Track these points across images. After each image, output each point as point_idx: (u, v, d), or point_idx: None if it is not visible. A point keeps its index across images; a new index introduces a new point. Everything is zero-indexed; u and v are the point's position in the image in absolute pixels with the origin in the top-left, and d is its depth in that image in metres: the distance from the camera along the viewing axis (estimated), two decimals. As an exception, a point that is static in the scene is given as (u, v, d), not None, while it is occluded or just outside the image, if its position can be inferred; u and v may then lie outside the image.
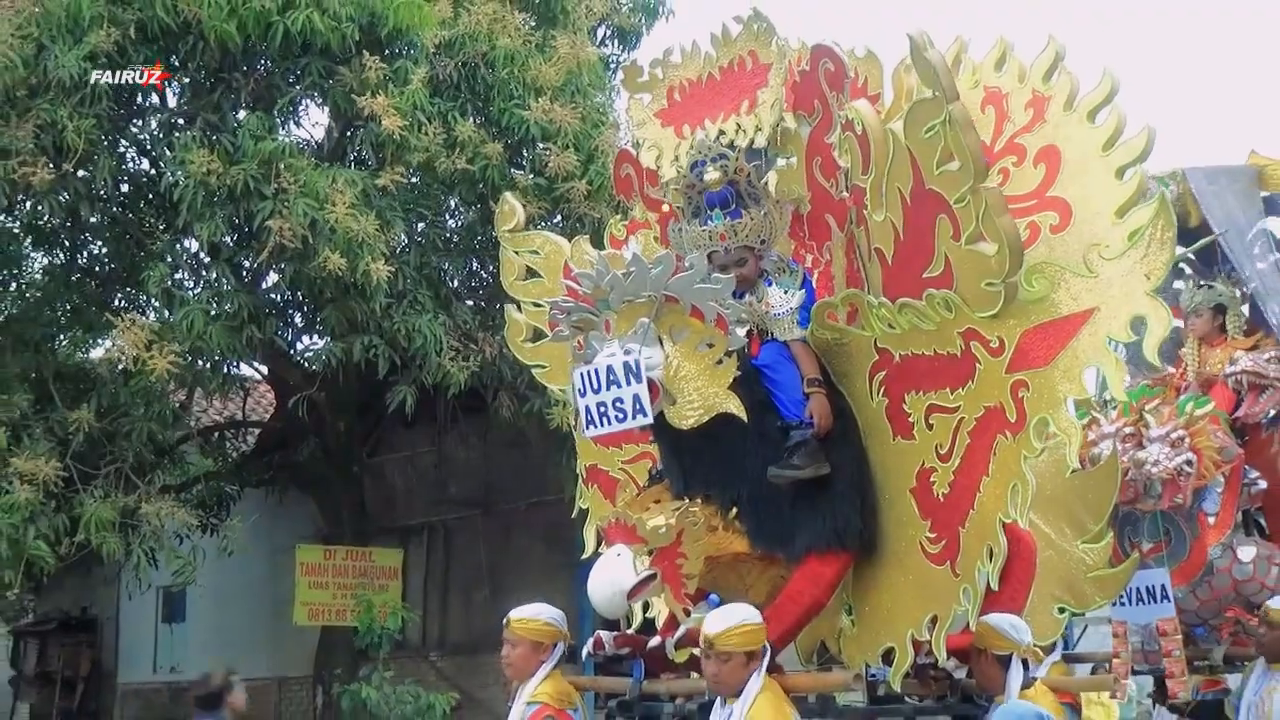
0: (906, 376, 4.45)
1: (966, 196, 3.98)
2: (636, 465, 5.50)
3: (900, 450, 4.51)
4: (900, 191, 4.25)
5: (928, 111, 4.05)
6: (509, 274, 5.94)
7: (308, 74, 10.58)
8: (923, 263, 4.21)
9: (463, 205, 11.76)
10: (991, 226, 3.96)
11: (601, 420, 4.32)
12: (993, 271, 4.00)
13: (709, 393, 4.37)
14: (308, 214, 9.71)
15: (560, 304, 4.50)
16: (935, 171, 4.06)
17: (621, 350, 4.28)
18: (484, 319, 11.32)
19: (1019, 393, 4.09)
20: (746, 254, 4.74)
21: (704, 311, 4.33)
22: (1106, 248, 4.10)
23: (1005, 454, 4.13)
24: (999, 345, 4.13)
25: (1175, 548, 6.44)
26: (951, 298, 4.13)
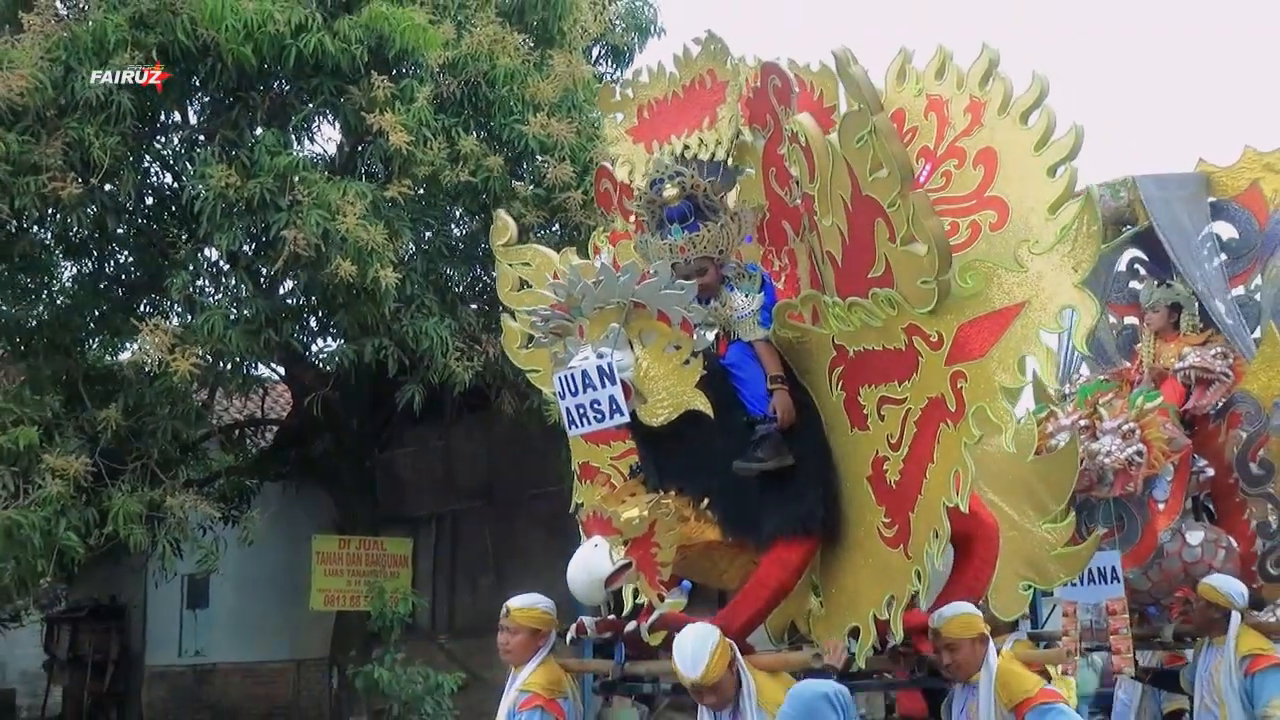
0: (860, 371, 4.51)
1: (897, 201, 4.03)
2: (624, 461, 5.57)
3: (857, 441, 4.57)
4: (842, 198, 4.31)
5: (856, 123, 4.11)
6: (504, 285, 6.01)
7: (320, 93, 10.63)
8: (867, 264, 4.26)
9: (466, 215, 11.83)
10: (921, 228, 4.01)
11: (582, 420, 4.41)
12: (925, 270, 4.04)
13: (677, 391, 4.46)
14: (320, 224, 9.77)
15: (539, 312, 4.59)
16: (869, 178, 4.11)
17: (595, 354, 4.36)
18: (487, 321, 11.37)
19: (958, 383, 4.13)
20: (706, 263, 4.77)
21: (670, 316, 4.42)
22: (1036, 243, 4.12)
23: (948, 442, 4.17)
24: (938, 339, 4.17)
25: (1128, 532, 6.50)
26: (893, 296, 4.18)
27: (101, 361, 12.72)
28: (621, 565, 4.47)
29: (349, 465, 14.33)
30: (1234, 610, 6.01)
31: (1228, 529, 6.69)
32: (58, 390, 10.77)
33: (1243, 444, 6.71)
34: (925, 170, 4.61)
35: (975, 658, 4.76)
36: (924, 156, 4.64)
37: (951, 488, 4.16)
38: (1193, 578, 6.38)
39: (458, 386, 10.76)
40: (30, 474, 9.70)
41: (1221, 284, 7.04)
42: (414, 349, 10.59)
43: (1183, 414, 6.90)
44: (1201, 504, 6.93)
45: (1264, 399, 6.74)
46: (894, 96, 4.74)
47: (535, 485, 13.26)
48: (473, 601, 15.15)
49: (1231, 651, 5.91)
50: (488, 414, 12.63)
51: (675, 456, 4.68)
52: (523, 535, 14.38)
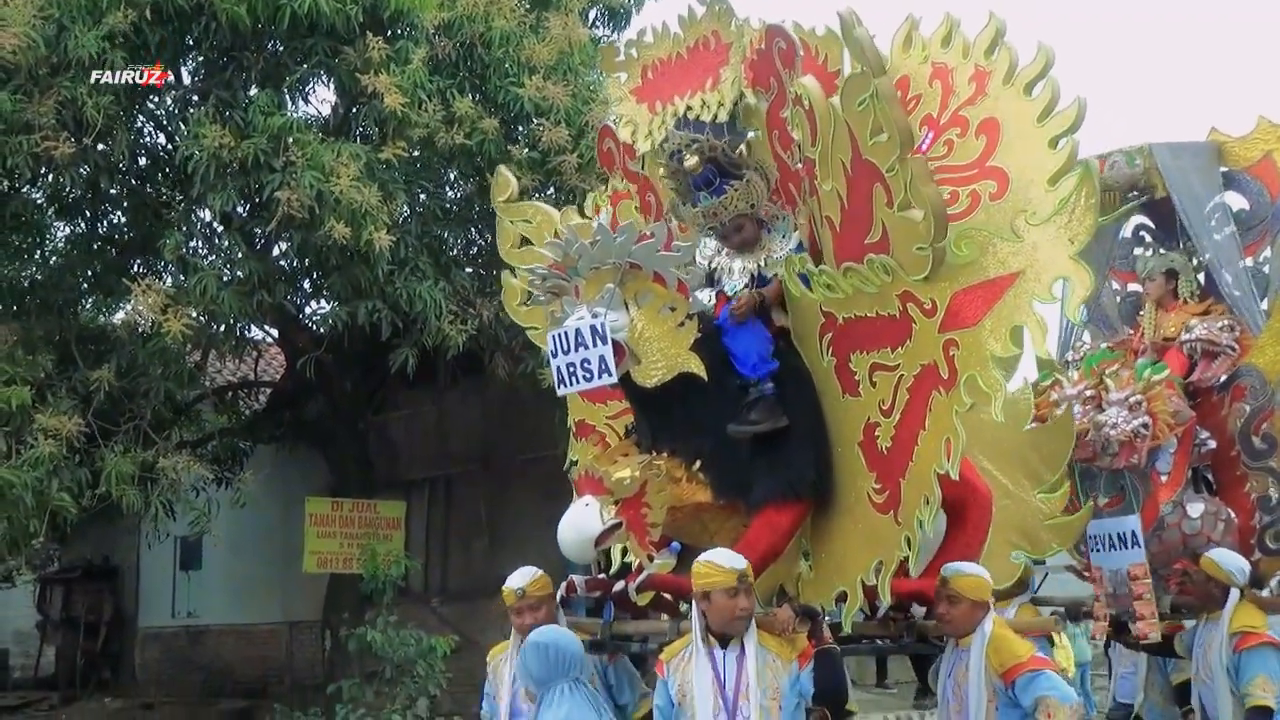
0: (851, 337, 4.53)
1: (895, 165, 4.04)
2: (620, 420, 5.61)
3: (848, 406, 4.60)
4: (842, 162, 4.32)
5: (858, 86, 4.12)
6: (505, 242, 6.02)
7: (314, 54, 10.57)
8: (864, 229, 4.28)
9: (461, 178, 11.78)
10: (919, 194, 4.02)
11: (570, 379, 4.42)
12: (921, 237, 4.06)
13: (672, 353, 4.48)
14: (314, 186, 9.73)
15: (536, 270, 4.60)
16: (869, 142, 4.12)
17: (589, 314, 4.38)
18: (481, 285, 11.36)
19: (950, 351, 4.15)
20: (742, 220, 4.84)
21: (666, 277, 4.44)
22: (1033, 214, 4.15)
23: (939, 409, 4.20)
24: (931, 306, 4.20)
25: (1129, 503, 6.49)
26: (888, 262, 4.19)
27: (94, 322, 12.70)
28: (612, 525, 4.51)
29: (342, 428, 14.35)
30: (1233, 587, 6.01)
31: (1228, 502, 6.70)
32: (50, 350, 10.74)
33: (1246, 417, 6.72)
34: (928, 138, 4.64)
35: (971, 619, 4.79)
36: (927, 124, 4.66)
37: (943, 455, 4.18)
38: (1192, 550, 6.41)
39: (451, 350, 10.75)
40: (23, 434, 9.70)
41: (1233, 253, 7.01)
42: (407, 312, 10.58)
43: (1186, 385, 6.91)
44: (1201, 475, 6.95)
45: (1270, 373, 6.75)
46: (899, 63, 4.77)
47: (529, 449, 13.29)
48: (466, 565, 15.22)
49: (1224, 627, 5.91)
50: (481, 378, 12.65)
51: (668, 418, 4.72)
52: (516, 499, 14.43)
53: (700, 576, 4.38)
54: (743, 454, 4.68)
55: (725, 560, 4.36)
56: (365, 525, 13.88)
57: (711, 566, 4.36)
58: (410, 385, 13.56)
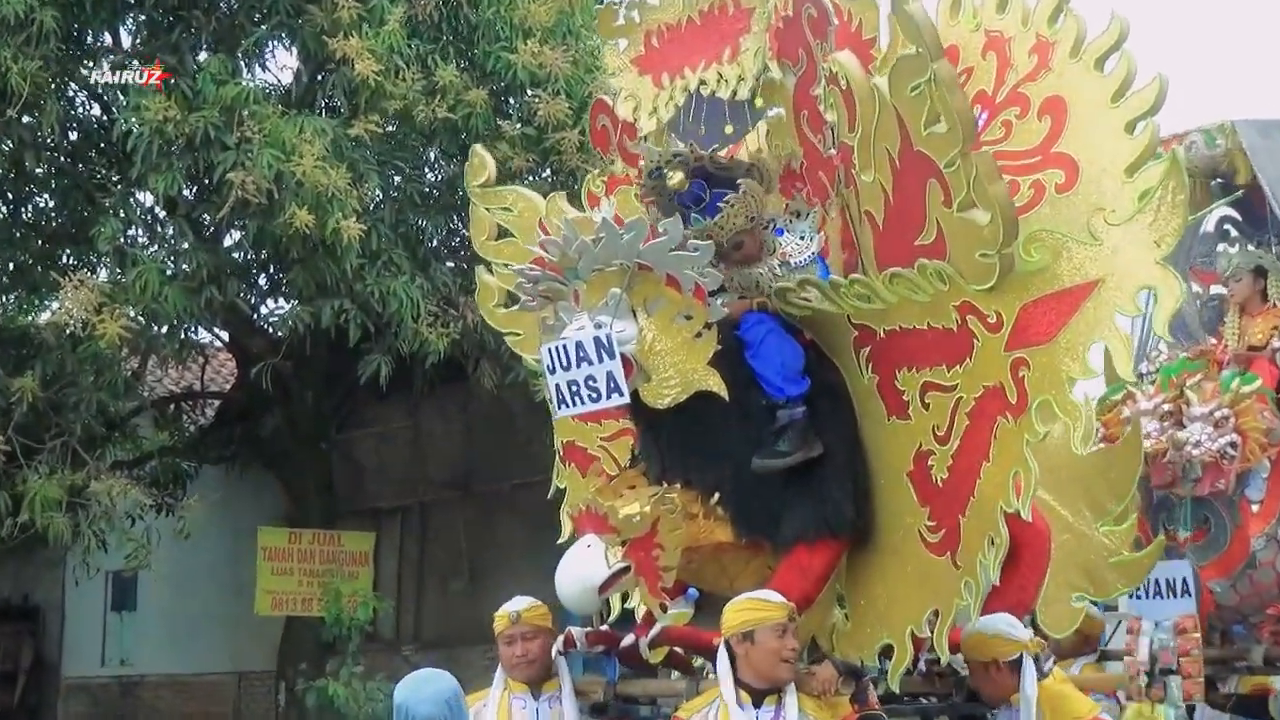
0: (896, 352, 4.52)
1: (956, 161, 3.99)
2: (616, 443, 5.57)
3: (895, 431, 4.57)
4: (888, 152, 4.28)
5: (912, 68, 4.06)
6: (480, 232, 5.99)
7: (275, 13, 10.63)
8: (914, 229, 4.25)
9: (443, 157, 11.85)
10: (983, 194, 3.98)
11: (574, 399, 4.40)
12: (986, 242, 4.02)
13: (687, 369, 4.45)
14: (273, 166, 9.79)
15: (527, 272, 4.58)
16: (923, 133, 4.07)
17: (592, 324, 4.35)
18: (465, 282, 11.31)
19: (1019, 372, 4.13)
20: (742, 237, 4.80)
21: (680, 281, 4.41)
22: (1113, 212, 4.11)
23: (1006, 438, 4.16)
24: (997, 320, 4.16)
25: (1215, 537, 6.51)
26: (945, 269, 4.16)
27: (15, 322, 12.73)
28: (618, 569, 4.49)
29: (302, 447, 14.39)
30: None
31: (1329, 536, 6.68)
32: (-37, 355, 10.78)
33: (1352, 438, 6.69)
34: (982, 118, 4.62)
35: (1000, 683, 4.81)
36: (980, 103, 4.64)
37: (1010, 490, 4.17)
38: (1289, 591, 6.38)
39: (430, 357, 10.80)
40: (-71, 451, 9.75)
41: None
42: (379, 312, 10.63)
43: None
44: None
45: None
46: (946, 31, 4.71)
47: (519, 473, 13.30)
48: (443, 608, 15.24)
49: None
50: (464, 389, 12.70)
51: (682, 444, 4.70)
52: (503, 531, 14.46)
53: (742, 613, 4.41)
54: (770, 486, 4.65)
55: (773, 595, 4.40)
56: (327, 560, 13.91)
57: (757, 602, 4.41)
58: (382, 398, 13.59)
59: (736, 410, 4.60)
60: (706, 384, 4.49)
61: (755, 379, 4.69)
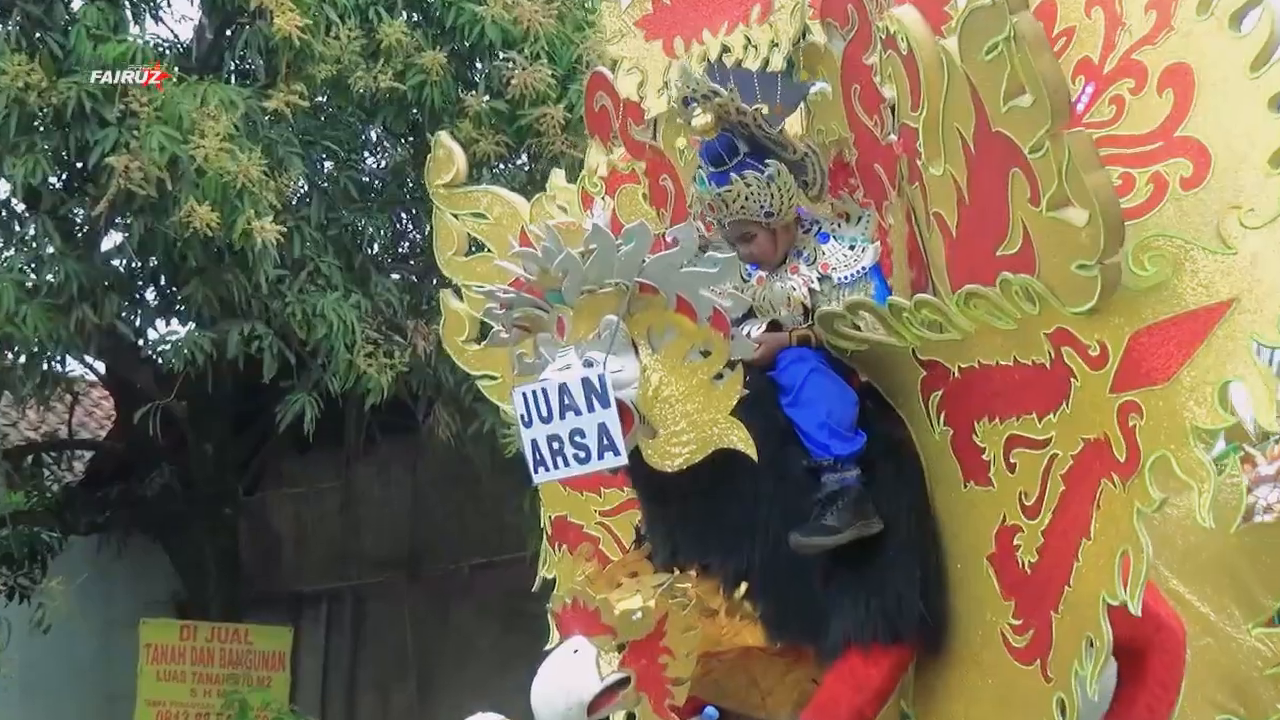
0: (975, 397, 4.54)
1: (1044, 144, 3.99)
2: (621, 518, 5.59)
3: (974, 501, 4.59)
4: (961, 135, 4.31)
5: (987, 24, 4.06)
6: (445, 246, 6.03)
7: (171, -52, 10.72)
8: (995, 235, 4.27)
9: (389, 138, 11.93)
10: (1079, 187, 3.96)
11: (555, 459, 4.39)
12: (1084, 250, 4.01)
13: (704, 420, 4.45)
14: (166, 148, 9.81)
15: (498, 294, 4.59)
16: (1003, 109, 4.09)
17: (580, 361, 4.36)
18: (415, 299, 11.43)
19: (1128, 420, 4.11)
20: (752, 229, 4.84)
21: (695, 306, 4.41)
22: (1251, 212, 4.08)
23: (1112, 506, 4.15)
24: (1099, 353, 4.16)
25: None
26: (1033, 285, 4.15)
27: None
28: (614, 681, 4.50)
29: (200, 513, 14.37)
30: None
31: None
32: None
33: None
34: (1085, 94, 4.63)
35: None
36: (1083, 73, 4.66)
37: (1117, 576, 4.15)
38: None
39: (369, 397, 10.83)
40: None
41: None
42: (304, 340, 10.67)
43: None
44: None
45: None
46: (1039, -21, 4.77)
47: (483, 550, 13.41)
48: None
49: None
50: (414, 441, 12.75)
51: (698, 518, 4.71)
52: (461, 625, 14.49)
53: None
54: (813, 573, 4.66)
55: None
56: (231, 662, 13.89)
57: None
58: (306, 450, 13.59)
59: (769, 474, 4.61)
60: (729, 440, 4.49)
61: (794, 434, 4.70)
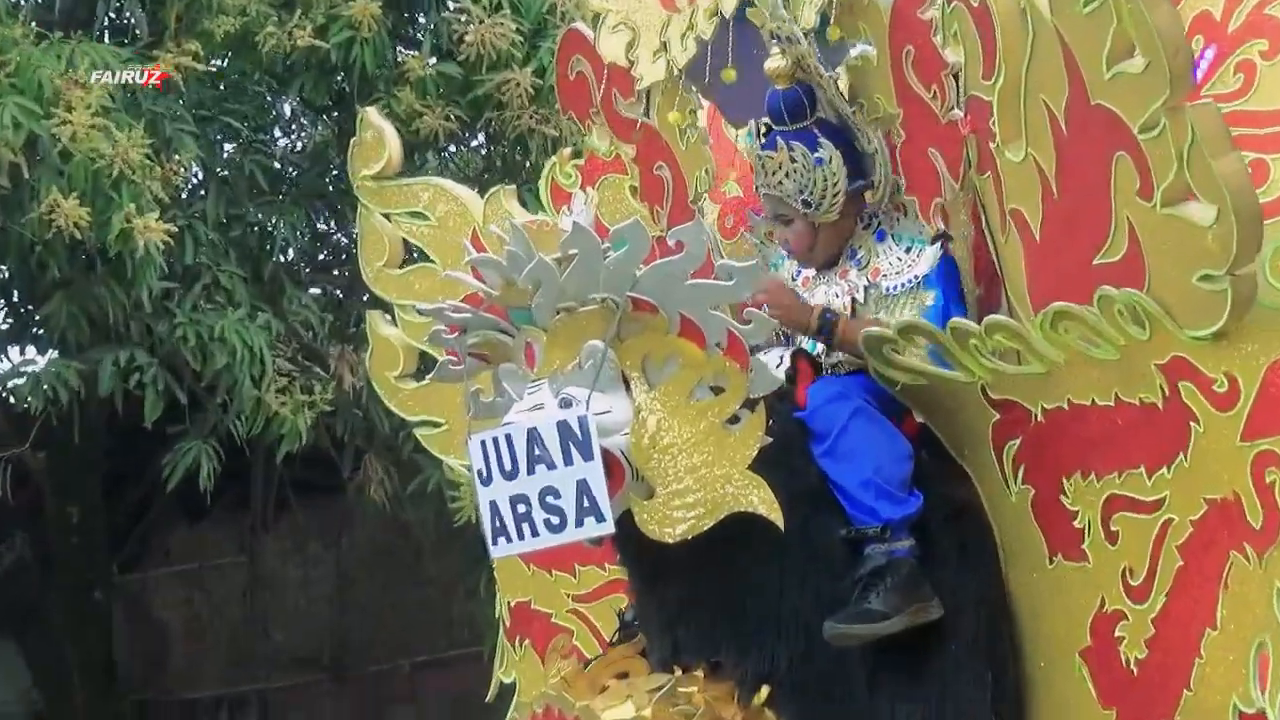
0: (1064, 446, 4.59)
1: (1159, 120, 4.04)
2: (599, 605, 5.70)
3: (1062, 582, 4.65)
4: (1049, 110, 4.38)
5: None
6: (374, 255, 6.14)
7: None
8: (1092, 238, 4.33)
9: (307, 113, 12.08)
10: (1205, 176, 4.00)
11: (520, 527, 4.40)
12: (1210, 257, 4.05)
13: (715, 476, 4.46)
14: (21, 124, 9.87)
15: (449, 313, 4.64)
16: (1105, 74, 4.15)
17: (556, 400, 4.39)
18: (341, 320, 11.49)
19: (1266, 475, 4.15)
20: (789, 211, 4.97)
21: (704, 329, 4.44)
22: None
23: (1245, 587, 4.21)
24: (1228, 390, 4.20)
25: None
26: (1142, 303, 4.21)
27: None
28: (600, 814, 4.55)
29: (62, 597, 14.41)
30: None
31: None
32: None
33: None
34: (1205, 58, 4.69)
35: None
36: (1201, 32, 4.71)
37: (1252, 676, 4.21)
38: None
39: (284, 446, 10.91)
40: None
41: None
42: (198, 371, 10.73)
43: None
44: None
45: None
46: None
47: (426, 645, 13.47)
48: None
49: None
50: (338, 504, 12.84)
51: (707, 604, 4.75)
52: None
53: None
54: (853, 675, 4.72)
55: None
56: (103, 789, 13.93)
57: None
58: (200, 516, 13.67)
59: (798, 546, 4.66)
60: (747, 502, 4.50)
61: (830, 494, 4.75)
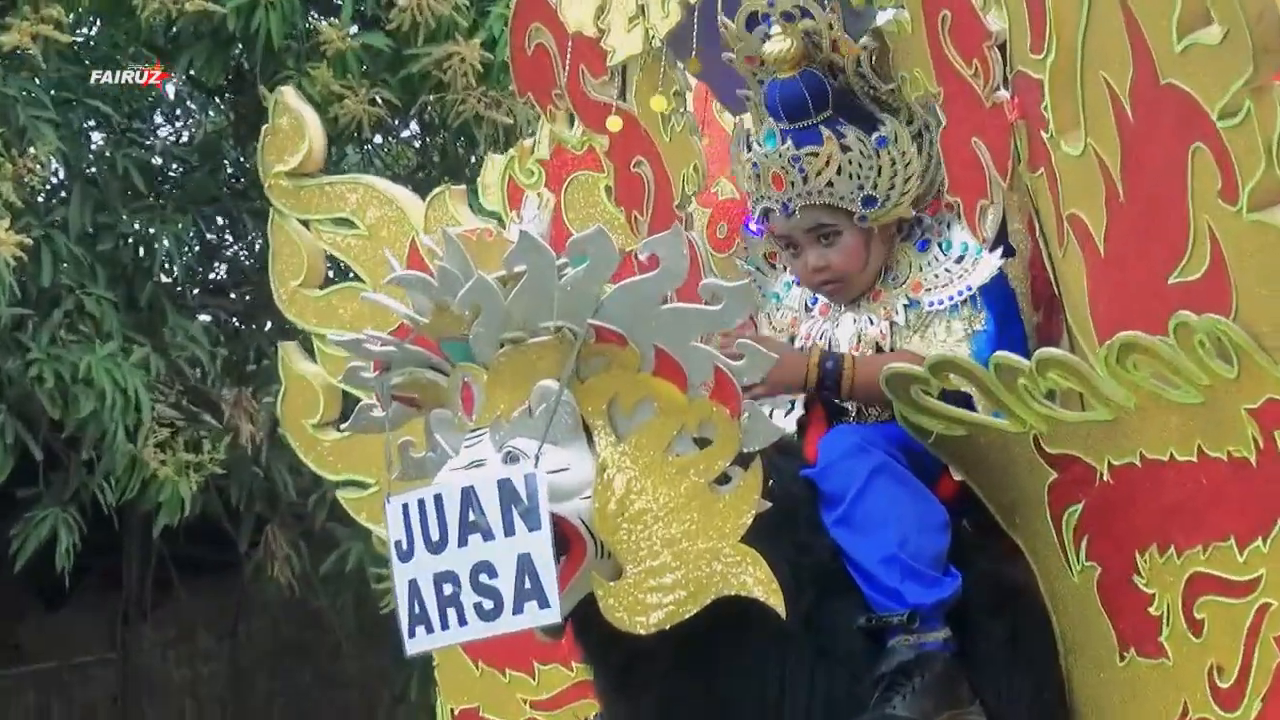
0: (1138, 513, 4.64)
1: (1243, 104, 4.09)
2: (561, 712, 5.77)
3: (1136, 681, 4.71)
4: (1112, 90, 4.46)
5: None
6: (288, 272, 6.25)
7: None
8: (1167, 251, 4.39)
9: (195, 94, 12.22)
10: None
11: (444, 614, 4.40)
12: None
13: (699, 551, 4.45)
14: None
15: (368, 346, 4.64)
16: (1174, 47, 4.22)
17: (499, 454, 4.41)
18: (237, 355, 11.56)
19: None
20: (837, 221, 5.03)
21: (685, 366, 4.46)
22: None
23: None
24: None
25: None
26: (1229, 332, 4.24)
27: None
28: None
29: None
30: None
31: None
32: None
33: None
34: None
35: None
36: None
37: None
38: None
39: (164, 516, 10.94)
40: None
41: None
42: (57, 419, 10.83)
43: None
44: None
45: None
46: None
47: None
48: None
49: None
50: (233, 587, 12.95)
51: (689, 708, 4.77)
52: None
53: None
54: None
55: None
56: None
57: None
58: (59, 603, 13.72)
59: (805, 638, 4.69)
60: (740, 584, 4.50)
61: (844, 573, 4.79)
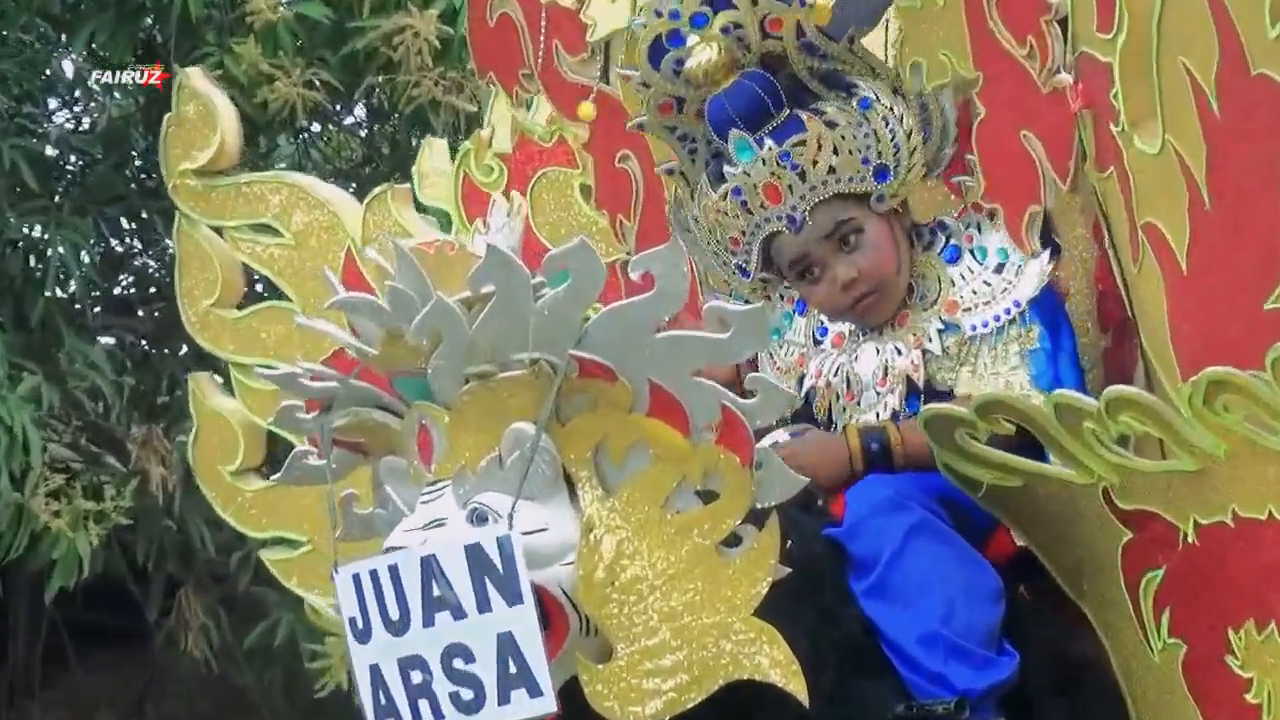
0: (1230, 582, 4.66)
1: None
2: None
3: None
4: (1194, 80, 4.51)
5: None
6: (198, 289, 6.32)
7: None
8: (1261, 271, 4.44)
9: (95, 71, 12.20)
10: None
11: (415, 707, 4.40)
12: None
13: (704, 627, 4.47)
14: None
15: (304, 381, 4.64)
16: (1269, 33, 4.27)
17: (465, 512, 4.40)
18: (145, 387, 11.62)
19: None
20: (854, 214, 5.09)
21: (686, 405, 4.46)
22: None
23: None
24: None
25: None
26: None
27: None
28: None
29: None
30: None
31: None
32: None
33: None
34: None
35: None
36: None
37: None
38: None
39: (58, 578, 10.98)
40: None
41: None
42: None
43: None
44: None
45: None
46: None
47: None
48: None
49: None
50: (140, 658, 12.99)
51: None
52: None
53: None
54: None
55: None
56: None
57: None
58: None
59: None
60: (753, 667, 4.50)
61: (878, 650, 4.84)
